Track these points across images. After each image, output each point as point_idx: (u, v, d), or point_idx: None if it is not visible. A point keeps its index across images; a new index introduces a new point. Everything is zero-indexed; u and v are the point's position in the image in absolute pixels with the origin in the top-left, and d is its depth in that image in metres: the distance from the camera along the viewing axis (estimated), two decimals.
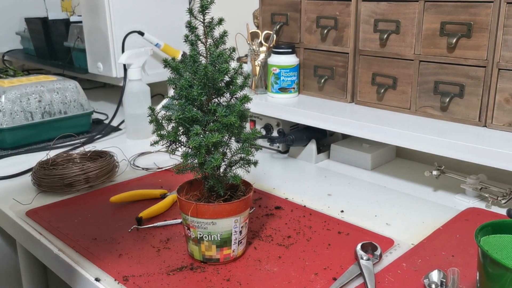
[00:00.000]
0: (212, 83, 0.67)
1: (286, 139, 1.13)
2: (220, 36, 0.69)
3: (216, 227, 0.69)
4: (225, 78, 0.69)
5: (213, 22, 0.68)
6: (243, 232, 0.72)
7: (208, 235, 0.69)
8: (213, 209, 0.68)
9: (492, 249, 0.57)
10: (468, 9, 0.90)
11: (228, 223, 0.69)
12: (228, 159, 0.71)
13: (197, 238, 0.70)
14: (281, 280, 0.67)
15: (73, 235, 0.80)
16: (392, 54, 1.02)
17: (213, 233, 0.69)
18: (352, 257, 0.72)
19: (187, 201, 0.69)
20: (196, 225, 0.69)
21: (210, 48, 0.68)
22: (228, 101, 0.70)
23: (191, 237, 0.70)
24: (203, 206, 0.68)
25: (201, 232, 0.69)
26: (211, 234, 0.69)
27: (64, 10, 2.13)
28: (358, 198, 0.94)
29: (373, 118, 1.01)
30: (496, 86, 0.89)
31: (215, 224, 0.68)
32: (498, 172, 0.89)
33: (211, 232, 0.69)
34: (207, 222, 0.68)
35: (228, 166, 0.71)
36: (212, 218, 0.68)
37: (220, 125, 0.67)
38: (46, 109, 1.26)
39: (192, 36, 0.69)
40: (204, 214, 0.68)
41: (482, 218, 0.83)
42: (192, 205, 0.68)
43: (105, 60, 1.43)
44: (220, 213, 0.68)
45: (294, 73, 1.17)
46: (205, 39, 0.69)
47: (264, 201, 0.91)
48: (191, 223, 0.69)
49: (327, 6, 1.11)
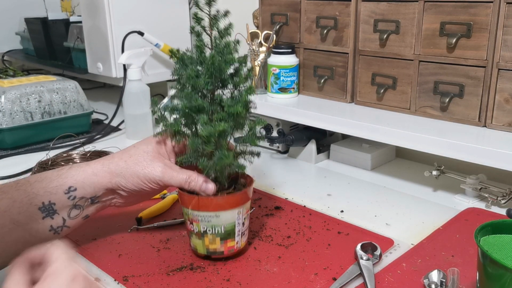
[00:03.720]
0: (218, 73, 0.67)
1: (286, 139, 1.13)
2: (225, 28, 0.69)
3: (219, 219, 0.68)
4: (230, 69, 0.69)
5: (219, 14, 0.69)
6: (245, 224, 0.72)
7: (212, 228, 0.69)
8: (216, 201, 0.68)
9: (492, 249, 0.57)
10: (468, 9, 0.90)
11: (232, 215, 0.69)
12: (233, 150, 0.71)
13: (200, 232, 0.69)
14: (281, 280, 0.67)
15: (72, 235, 0.79)
16: (392, 54, 1.02)
17: (217, 226, 0.69)
18: (352, 257, 0.72)
19: (190, 195, 0.69)
20: (200, 218, 0.69)
21: (216, 39, 0.69)
22: (232, 92, 0.70)
23: (194, 231, 0.70)
24: (206, 199, 0.68)
25: (204, 225, 0.69)
26: (215, 227, 0.69)
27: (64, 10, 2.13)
28: (358, 198, 0.94)
29: (373, 118, 1.01)
30: (496, 86, 0.89)
31: (219, 216, 0.68)
32: (498, 172, 0.89)
33: (214, 225, 0.69)
34: (210, 215, 0.68)
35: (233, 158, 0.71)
36: (216, 210, 0.68)
37: (226, 115, 0.67)
38: (46, 109, 1.26)
39: (198, 27, 0.69)
40: (207, 207, 0.68)
41: (482, 218, 0.83)
42: (194, 198, 0.68)
43: (105, 60, 1.43)
44: (224, 205, 0.68)
45: (294, 73, 1.17)
46: (210, 31, 0.69)
47: (264, 201, 0.91)
48: (194, 217, 0.69)
49: (327, 6, 1.11)
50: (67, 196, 0.68)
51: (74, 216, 0.69)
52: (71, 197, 0.68)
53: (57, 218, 0.68)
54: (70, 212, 0.69)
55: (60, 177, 0.69)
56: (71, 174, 0.69)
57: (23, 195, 0.66)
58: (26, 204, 0.66)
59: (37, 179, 0.69)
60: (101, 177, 0.70)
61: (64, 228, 0.69)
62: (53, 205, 0.67)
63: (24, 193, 0.66)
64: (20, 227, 0.65)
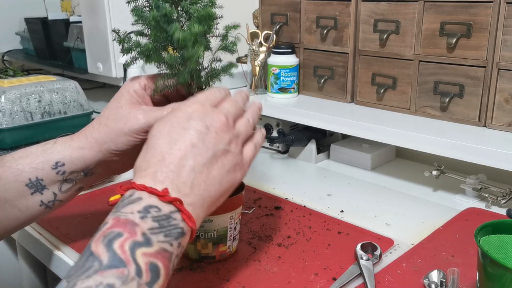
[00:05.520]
0: None
1: (286, 139, 1.13)
2: None
3: (212, 224, 0.68)
4: None
5: None
6: (237, 229, 0.72)
7: (204, 233, 0.69)
8: None
9: (492, 249, 0.57)
10: (468, 9, 0.90)
11: (224, 220, 0.69)
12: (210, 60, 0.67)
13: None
14: (281, 280, 0.67)
15: (72, 235, 0.79)
16: (392, 54, 1.02)
17: (209, 231, 0.69)
18: (352, 257, 0.72)
19: None
20: None
21: None
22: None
23: None
24: None
25: (197, 230, 0.68)
26: (207, 232, 0.69)
27: (64, 10, 2.13)
28: (358, 198, 0.94)
29: (373, 118, 1.01)
30: (496, 86, 0.89)
31: (212, 221, 0.68)
32: (498, 172, 0.89)
33: (207, 230, 0.69)
34: (204, 220, 0.67)
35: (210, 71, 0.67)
36: (209, 215, 0.66)
37: (197, 20, 0.62)
38: (46, 109, 1.26)
39: None
40: None
41: (482, 218, 0.83)
42: None
43: (105, 60, 1.43)
44: (217, 210, 0.67)
45: (294, 73, 1.17)
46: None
47: (264, 201, 0.91)
48: None
49: (327, 6, 1.11)
50: (55, 171, 0.65)
51: (66, 189, 0.66)
52: (60, 172, 0.65)
53: (47, 193, 0.65)
54: (61, 186, 0.66)
55: (45, 152, 0.65)
56: (57, 149, 0.66)
57: (8, 171, 0.64)
58: (12, 180, 0.63)
59: (21, 155, 0.65)
60: (88, 149, 0.65)
61: (56, 202, 0.66)
62: (41, 181, 0.64)
63: (9, 170, 0.64)
64: (8, 204, 0.63)
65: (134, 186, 0.50)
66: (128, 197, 0.50)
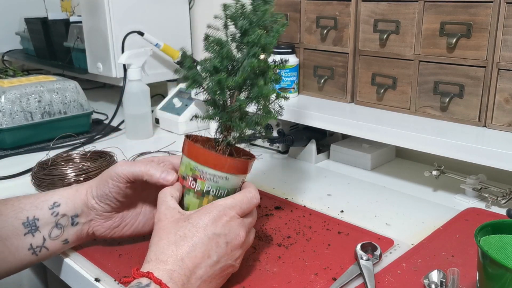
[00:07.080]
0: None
1: (286, 139, 1.13)
2: None
3: (227, 182, 0.66)
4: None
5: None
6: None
7: (216, 190, 0.66)
8: (230, 163, 0.65)
9: (492, 249, 0.57)
10: (468, 9, 0.90)
11: (237, 181, 0.67)
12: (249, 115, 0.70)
13: (202, 191, 0.66)
14: (281, 280, 0.67)
15: None
16: (392, 54, 1.02)
17: (221, 188, 0.66)
18: (352, 257, 0.72)
19: (205, 149, 0.65)
20: (208, 177, 0.65)
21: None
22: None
23: (195, 189, 0.66)
24: (222, 158, 0.65)
25: (210, 185, 0.66)
26: (219, 189, 0.66)
27: (64, 10, 2.13)
28: (358, 198, 0.94)
29: (373, 118, 1.01)
30: (496, 86, 0.89)
31: (228, 179, 0.66)
32: (498, 172, 0.89)
33: (220, 186, 0.66)
34: (221, 176, 0.65)
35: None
36: (228, 172, 0.65)
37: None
38: (46, 109, 1.26)
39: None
40: (222, 167, 0.65)
41: (482, 218, 0.83)
42: (211, 155, 0.65)
43: (105, 60, 1.43)
44: (235, 168, 0.65)
45: (294, 73, 1.17)
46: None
47: (264, 201, 0.91)
48: (202, 174, 0.65)
49: (326, 6, 1.11)
50: (51, 212, 0.69)
51: (54, 236, 0.69)
52: (54, 213, 0.69)
53: (38, 236, 0.68)
54: (51, 231, 0.69)
55: (48, 193, 0.71)
56: (59, 192, 0.71)
57: (10, 208, 0.68)
58: (12, 217, 0.67)
59: (26, 196, 0.71)
60: (79, 192, 0.71)
61: (43, 249, 0.69)
62: (37, 220, 0.68)
63: (11, 207, 0.68)
64: (1, 242, 0.66)
65: (151, 277, 0.56)
66: (144, 286, 0.56)
